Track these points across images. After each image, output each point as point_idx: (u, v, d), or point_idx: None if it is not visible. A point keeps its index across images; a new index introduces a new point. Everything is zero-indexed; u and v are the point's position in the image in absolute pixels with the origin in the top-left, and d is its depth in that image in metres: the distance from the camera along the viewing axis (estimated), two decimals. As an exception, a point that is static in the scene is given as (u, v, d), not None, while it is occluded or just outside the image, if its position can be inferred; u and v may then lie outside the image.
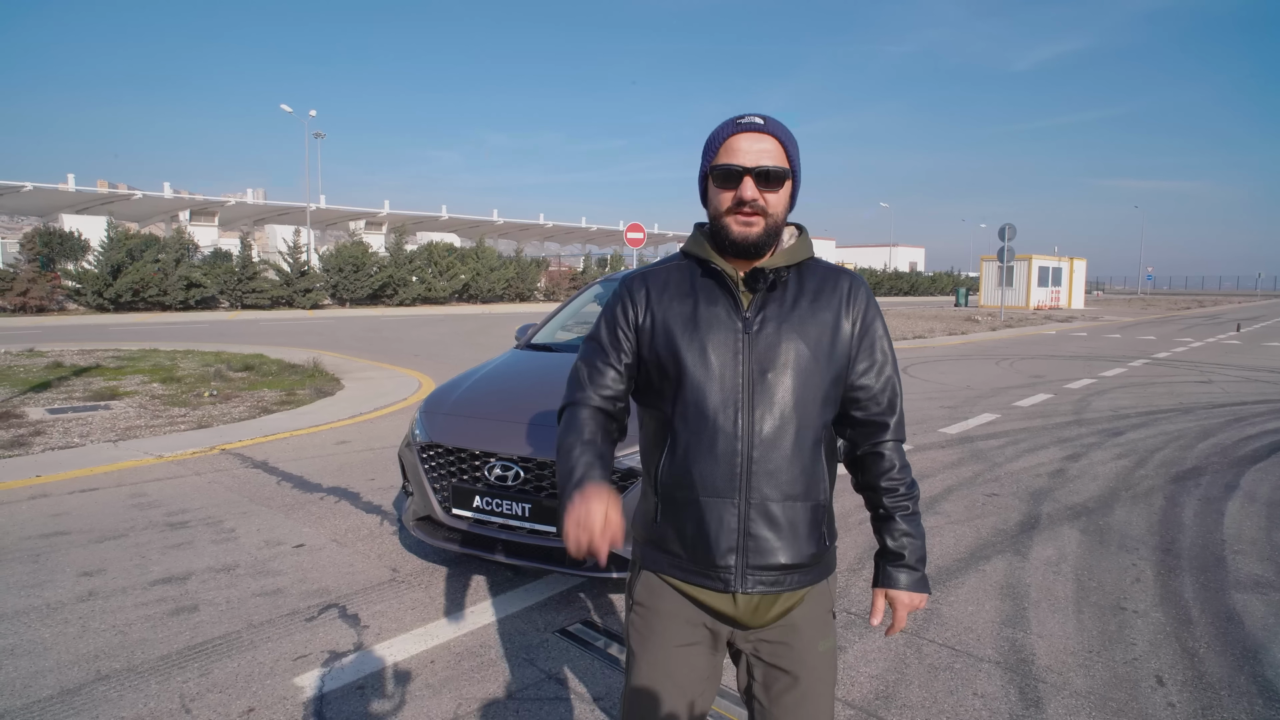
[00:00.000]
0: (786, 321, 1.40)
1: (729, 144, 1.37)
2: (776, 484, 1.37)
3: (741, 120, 1.37)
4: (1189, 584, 3.64)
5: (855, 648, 3.00)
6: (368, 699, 2.63)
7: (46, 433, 6.58)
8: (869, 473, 1.49)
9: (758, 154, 1.35)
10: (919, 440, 6.81)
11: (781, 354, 1.39)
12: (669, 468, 1.41)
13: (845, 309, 1.45)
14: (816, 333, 1.42)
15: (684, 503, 1.40)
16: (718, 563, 1.38)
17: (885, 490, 1.47)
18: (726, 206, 1.38)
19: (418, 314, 27.89)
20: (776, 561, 1.38)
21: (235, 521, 4.44)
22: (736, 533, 1.37)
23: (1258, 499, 5.01)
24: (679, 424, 1.40)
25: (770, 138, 1.37)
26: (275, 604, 3.36)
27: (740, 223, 1.37)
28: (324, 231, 52.93)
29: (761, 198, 1.36)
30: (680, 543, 1.41)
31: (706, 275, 1.45)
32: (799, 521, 1.39)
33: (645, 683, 1.44)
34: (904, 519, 1.47)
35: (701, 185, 1.45)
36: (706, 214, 1.45)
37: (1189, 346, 17.13)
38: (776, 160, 1.37)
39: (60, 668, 2.80)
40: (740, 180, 1.35)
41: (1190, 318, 31.52)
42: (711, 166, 1.39)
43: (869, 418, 1.47)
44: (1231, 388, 10.27)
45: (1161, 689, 2.71)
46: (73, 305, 25.85)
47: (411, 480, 3.66)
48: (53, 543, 4.06)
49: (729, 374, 1.38)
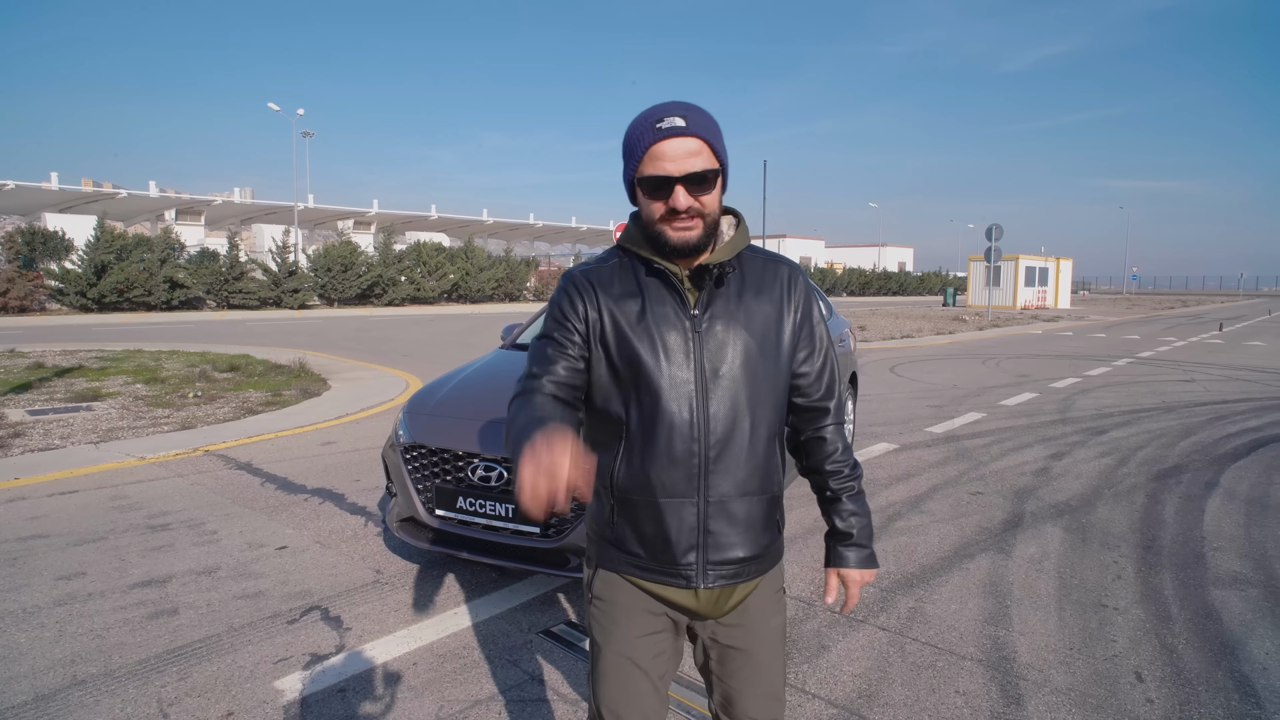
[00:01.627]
0: (734, 317, 1.39)
1: (653, 151, 1.30)
2: (734, 481, 1.39)
3: (661, 125, 1.29)
4: (1169, 581, 3.67)
5: (838, 646, 3.01)
6: (349, 702, 2.61)
7: (26, 434, 6.51)
8: (813, 457, 1.52)
9: (685, 158, 1.29)
10: (905, 439, 6.83)
11: (731, 350, 1.38)
12: (626, 471, 1.39)
13: (787, 299, 1.46)
14: (763, 326, 1.42)
15: (642, 505, 1.39)
16: (678, 561, 1.40)
17: (831, 473, 1.51)
18: (660, 215, 1.33)
19: (406, 314, 27.77)
20: (735, 556, 1.41)
21: (217, 523, 4.40)
22: (696, 530, 1.39)
23: (1237, 496, 5.06)
24: (634, 427, 1.38)
25: (695, 139, 1.30)
26: (257, 606, 3.33)
27: (677, 229, 1.33)
28: (312, 231, 52.64)
29: (696, 202, 1.31)
30: (640, 543, 1.42)
31: (651, 274, 1.41)
32: (755, 515, 1.42)
33: (611, 673, 1.46)
34: (850, 499, 1.51)
35: (629, 189, 1.39)
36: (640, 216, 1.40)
37: (1172, 346, 17.28)
38: (706, 162, 1.31)
39: (35, 673, 2.76)
40: (671, 189, 1.30)
41: (1174, 317, 31.81)
42: (638, 178, 1.33)
43: (810, 404, 1.50)
44: (1213, 386, 10.37)
45: (1141, 685, 2.73)
46: (55, 305, 25.59)
47: (395, 481, 3.64)
48: (30, 546, 4.01)
49: (681, 374, 1.36)
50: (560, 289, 1.47)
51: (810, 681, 2.74)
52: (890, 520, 4.57)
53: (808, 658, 2.91)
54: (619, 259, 1.46)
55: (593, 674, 1.50)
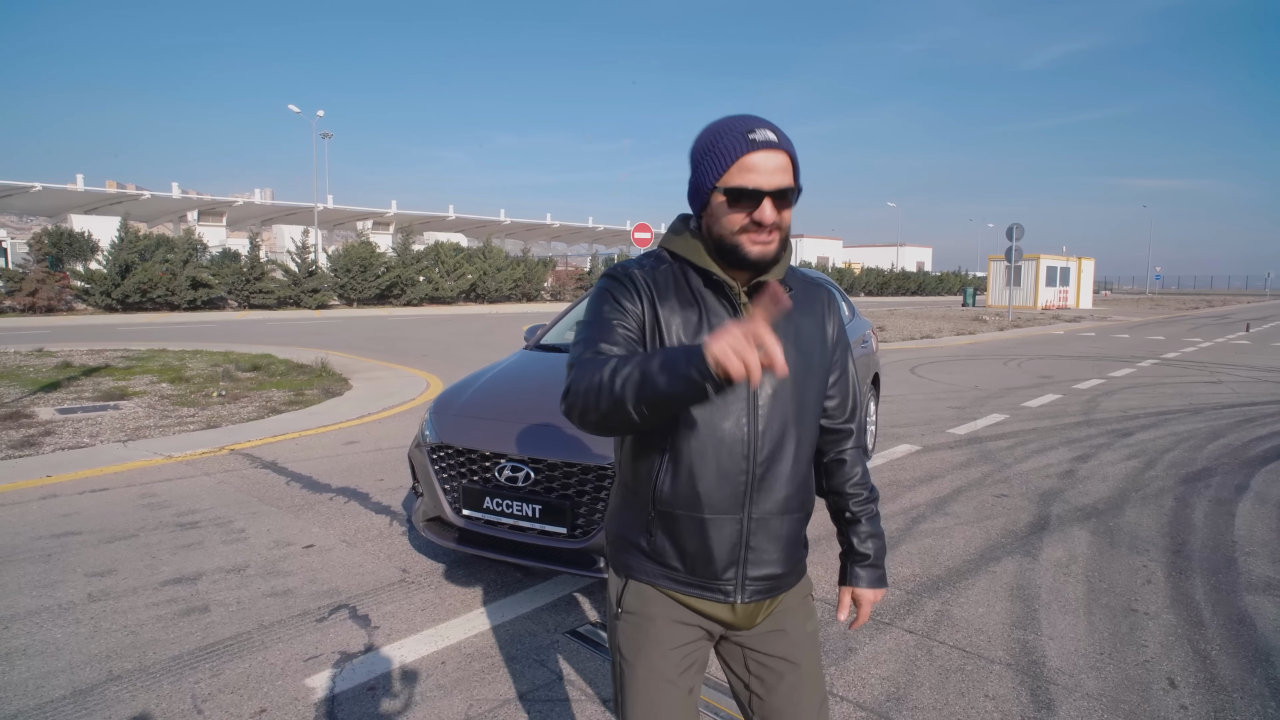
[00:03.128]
0: (783, 334, 1.38)
1: (745, 162, 1.28)
2: (778, 499, 1.39)
3: (755, 136, 1.29)
4: (1200, 586, 3.62)
5: (866, 649, 2.99)
6: (379, 699, 2.63)
7: (56, 433, 6.62)
8: (833, 478, 1.55)
9: (775, 173, 1.29)
10: (927, 440, 6.79)
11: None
12: (671, 485, 1.37)
13: (827, 319, 1.49)
14: (809, 345, 1.43)
15: (685, 519, 1.38)
16: (719, 576, 1.39)
17: (851, 495, 1.54)
18: (740, 226, 1.31)
19: (425, 314, 27.94)
20: (772, 572, 1.42)
21: (245, 522, 4.45)
22: (739, 546, 1.39)
23: (1269, 500, 4.98)
24: (683, 442, 1.35)
25: (784, 154, 1.30)
26: (286, 604, 3.37)
27: (757, 243, 1.32)
28: (331, 231, 53.10)
29: (780, 216, 1.32)
30: (679, 557, 1.40)
31: (708, 285, 1.38)
32: (794, 533, 1.44)
33: (644, 690, 1.41)
34: (869, 521, 1.55)
35: (700, 197, 1.36)
36: (704, 224, 1.37)
37: (1198, 347, 17.04)
38: (790, 178, 1.31)
39: (72, 668, 2.81)
40: (760, 202, 1.29)
41: (1199, 318, 31.36)
42: (725, 187, 1.30)
43: (835, 425, 1.52)
44: (1241, 388, 10.22)
45: (1174, 691, 2.70)
46: (81, 305, 25.97)
47: (421, 481, 3.67)
48: (63, 543, 4.08)
49: (736, 391, 1.35)
50: (615, 281, 1.40)
51: (838, 684, 2.74)
52: (914, 522, 4.54)
53: (835, 660, 2.90)
54: (669, 265, 1.42)
55: (621, 690, 1.45)
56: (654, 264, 1.43)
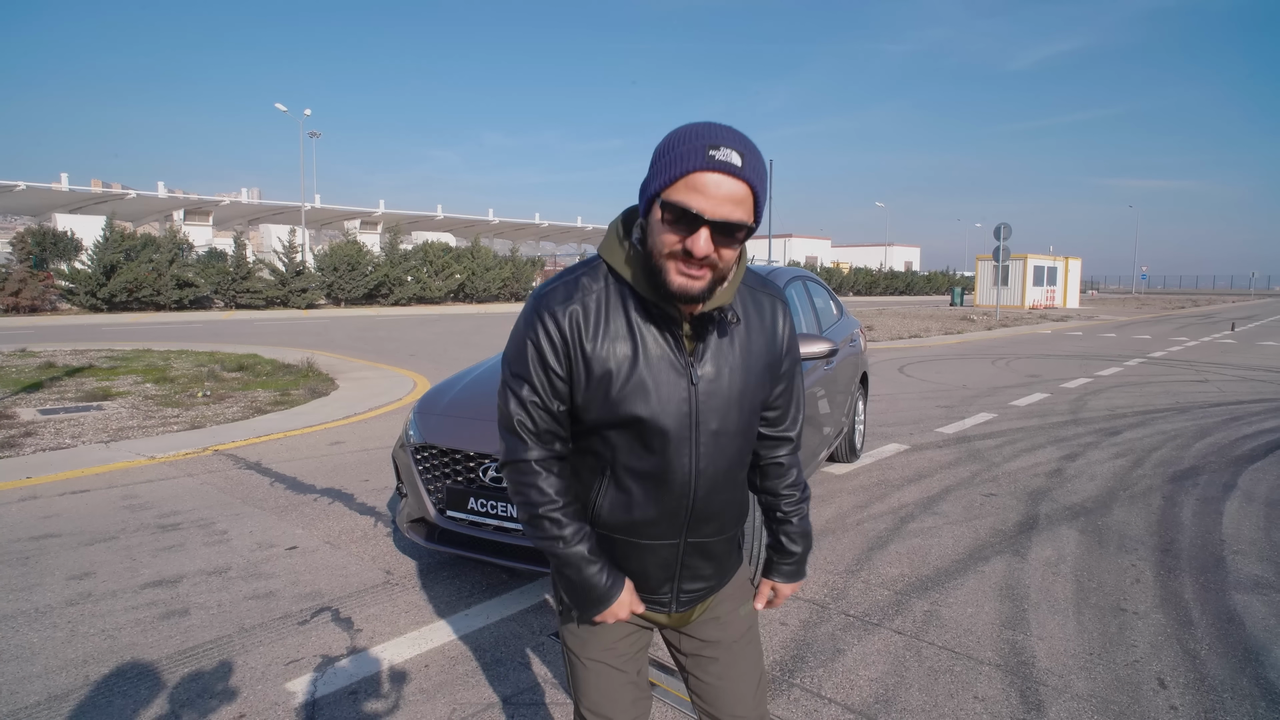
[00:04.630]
0: (726, 357, 1.32)
1: (694, 180, 1.13)
2: (715, 522, 1.41)
3: (716, 154, 1.12)
4: (1189, 585, 3.62)
5: (854, 650, 2.97)
6: (361, 704, 2.59)
7: (38, 434, 6.52)
8: (768, 480, 1.55)
9: (725, 202, 1.13)
10: (916, 440, 6.79)
11: (727, 401, 1.32)
12: (609, 510, 1.36)
13: (779, 332, 1.41)
14: (756, 364, 1.37)
15: (623, 544, 1.39)
16: (654, 591, 1.44)
17: (784, 496, 1.54)
18: (670, 250, 1.17)
19: (413, 314, 27.81)
20: (706, 585, 1.47)
21: (227, 523, 4.39)
22: (674, 566, 1.41)
23: (1256, 498, 5.00)
24: (621, 474, 1.33)
25: (744, 184, 1.14)
26: (267, 607, 3.31)
27: (683, 273, 1.18)
28: (319, 231, 52.80)
29: (716, 253, 1.16)
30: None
31: (649, 319, 1.27)
32: (729, 548, 1.50)
33: (593, 679, 1.49)
34: (800, 521, 1.56)
35: (645, 201, 1.22)
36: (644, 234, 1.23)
37: (1184, 346, 17.16)
38: (745, 213, 1.15)
39: (48, 673, 2.75)
40: (696, 230, 1.14)
41: (1185, 317, 31.60)
42: (667, 200, 1.15)
43: (777, 434, 1.51)
44: (1228, 387, 10.28)
45: (1164, 691, 2.69)
46: (66, 305, 25.69)
47: (405, 481, 3.62)
48: (42, 545, 4.01)
49: (678, 427, 1.28)
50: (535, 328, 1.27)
51: (826, 686, 2.71)
52: (903, 522, 4.53)
53: (823, 661, 2.88)
54: (604, 283, 1.29)
55: (572, 681, 1.53)
56: (588, 285, 1.29)
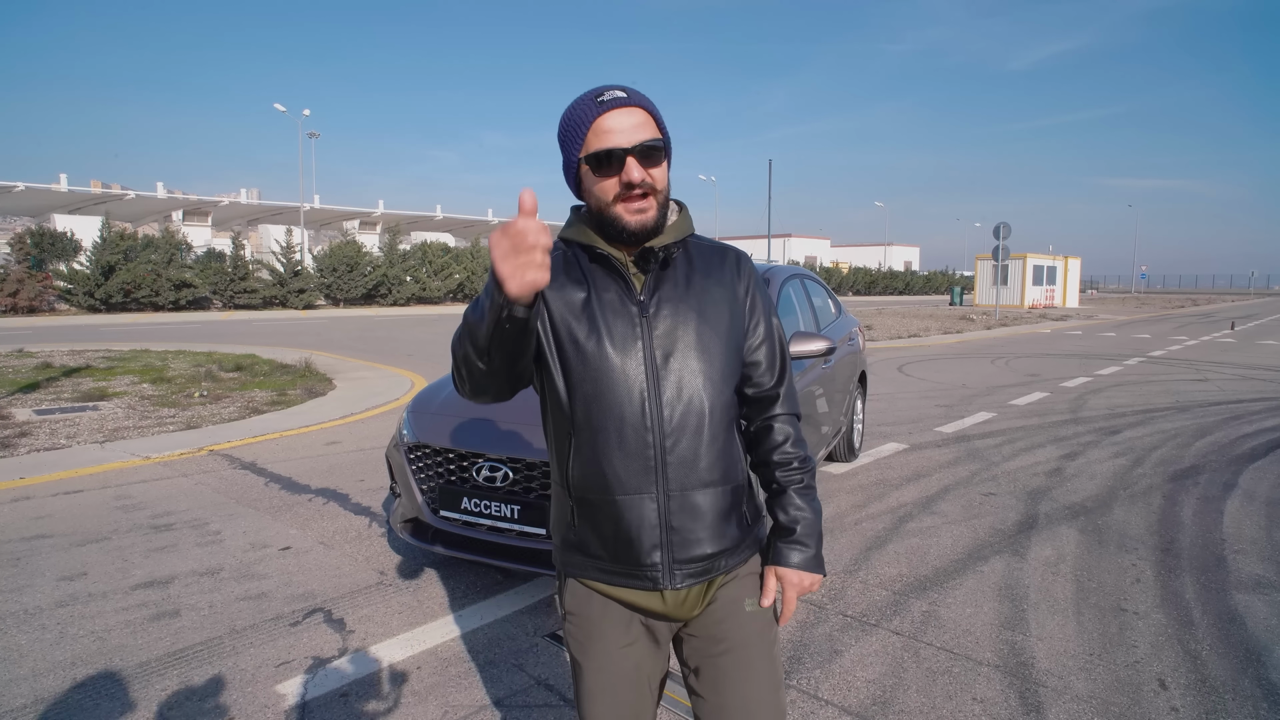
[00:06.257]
0: (683, 301, 1.34)
1: (598, 125, 1.25)
2: (694, 472, 1.32)
3: (604, 97, 1.26)
4: (1190, 585, 3.58)
5: (851, 651, 2.94)
6: (352, 706, 2.56)
7: (32, 434, 6.48)
8: (760, 447, 1.45)
9: (633, 130, 1.25)
10: (915, 439, 6.75)
11: (682, 335, 1.32)
12: (578, 467, 1.33)
13: (736, 282, 1.41)
14: (714, 309, 1.36)
15: (599, 504, 1.32)
16: (643, 561, 1.32)
17: (778, 464, 1.43)
18: (614, 195, 1.28)
19: (412, 314, 27.77)
20: (703, 552, 1.34)
21: (221, 524, 4.35)
22: (659, 528, 1.31)
23: (1257, 498, 4.97)
24: (582, 420, 1.31)
25: (639, 110, 1.27)
26: (259, 608, 3.28)
27: (634, 210, 1.28)
28: (318, 231, 52.75)
29: (648, 175, 1.27)
30: (601, 545, 1.35)
31: (594, 261, 1.35)
32: (721, 507, 1.35)
33: (595, 691, 1.40)
34: (798, 493, 1.43)
35: (572, 176, 1.34)
36: (586, 204, 1.35)
37: (1184, 345, 17.13)
38: (652, 133, 1.27)
39: (35, 675, 2.72)
40: (623, 163, 1.25)
41: (1184, 316, 31.57)
42: (585, 155, 1.27)
43: (760, 393, 1.43)
44: (1228, 386, 10.25)
45: (1165, 693, 2.66)
46: (64, 306, 25.65)
47: (399, 481, 3.59)
48: (33, 546, 3.97)
49: (631, 363, 1.30)
50: None
51: (823, 688, 2.68)
52: (901, 521, 4.50)
53: (820, 663, 2.85)
54: (562, 251, 1.39)
55: (576, 691, 1.44)
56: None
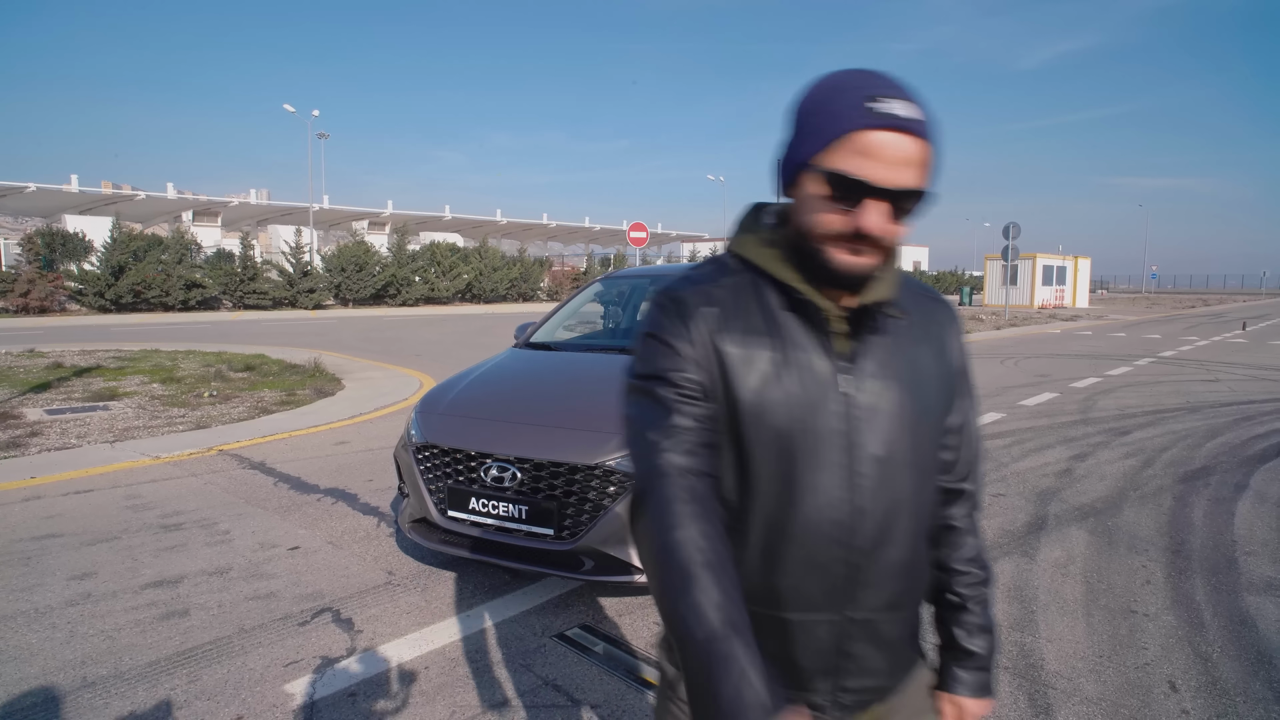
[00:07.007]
0: (897, 374, 1.04)
1: (859, 139, 0.91)
2: (885, 592, 1.04)
3: (878, 106, 0.90)
4: (1200, 586, 3.56)
5: (859, 653, 2.93)
6: (360, 706, 2.56)
7: (43, 434, 6.53)
8: (940, 549, 1.18)
9: (901, 167, 0.91)
10: (923, 440, 6.73)
11: (893, 419, 1.02)
12: (742, 574, 1.01)
13: (949, 345, 1.12)
14: (927, 386, 1.07)
15: (763, 618, 1.02)
16: (803, 687, 1.07)
17: (959, 574, 1.17)
18: (834, 230, 0.95)
19: (421, 314, 27.85)
20: (877, 684, 1.09)
21: (230, 523, 4.38)
22: (832, 655, 1.05)
23: (1268, 499, 4.93)
24: (757, 519, 1.01)
25: (920, 142, 0.92)
26: (268, 608, 3.30)
27: (850, 251, 0.96)
28: (327, 232, 52.97)
29: (891, 229, 0.95)
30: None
31: (791, 308, 1.02)
32: (906, 631, 1.10)
33: None
34: (979, 608, 1.18)
35: (789, 171, 0.99)
36: (787, 212, 1.03)
37: (1195, 345, 17.01)
38: (922, 176, 0.94)
39: (46, 674, 2.74)
40: (864, 202, 0.92)
41: (1195, 316, 31.36)
42: (826, 169, 0.93)
43: (950, 483, 1.16)
44: (1239, 386, 10.17)
45: (1175, 695, 2.64)
46: (74, 306, 25.85)
47: (407, 481, 3.60)
48: (44, 545, 4.00)
49: (832, 453, 0.99)
50: (663, 312, 1.04)
51: (831, 689, 2.67)
52: (910, 522, 4.48)
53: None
54: (738, 274, 1.05)
55: None
56: (715, 275, 1.06)
